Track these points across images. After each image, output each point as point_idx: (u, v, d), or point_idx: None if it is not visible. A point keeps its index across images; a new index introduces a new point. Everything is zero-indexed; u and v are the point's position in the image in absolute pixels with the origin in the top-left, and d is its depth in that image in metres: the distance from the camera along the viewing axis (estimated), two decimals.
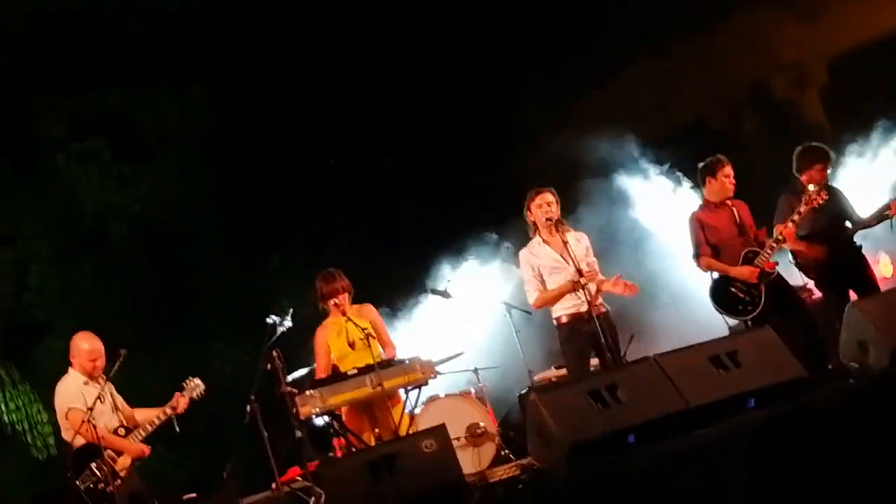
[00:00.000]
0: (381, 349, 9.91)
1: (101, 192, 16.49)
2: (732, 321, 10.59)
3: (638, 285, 9.91)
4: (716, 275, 10.33)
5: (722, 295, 10.26)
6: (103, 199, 16.51)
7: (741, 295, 10.14)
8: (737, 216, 10.39)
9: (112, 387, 10.18)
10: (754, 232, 10.38)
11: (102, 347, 10.10)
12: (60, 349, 15.42)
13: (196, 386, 10.20)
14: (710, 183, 10.45)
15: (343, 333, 9.94)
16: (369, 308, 10.27)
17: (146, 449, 9.92)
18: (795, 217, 10.13)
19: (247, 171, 16.27)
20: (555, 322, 9.96)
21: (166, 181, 16.64)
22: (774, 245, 10.17)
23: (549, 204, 9.93)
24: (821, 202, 10.12)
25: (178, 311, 16.36)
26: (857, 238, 10.77)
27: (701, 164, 10.58)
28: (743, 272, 10.12)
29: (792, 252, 10.64)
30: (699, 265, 10.46)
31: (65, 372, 10.18)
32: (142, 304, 16.04)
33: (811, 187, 10.23)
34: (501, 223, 13.01)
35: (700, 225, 10.41)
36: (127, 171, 16.70)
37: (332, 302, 10.10)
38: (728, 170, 10.39)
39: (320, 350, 10.12)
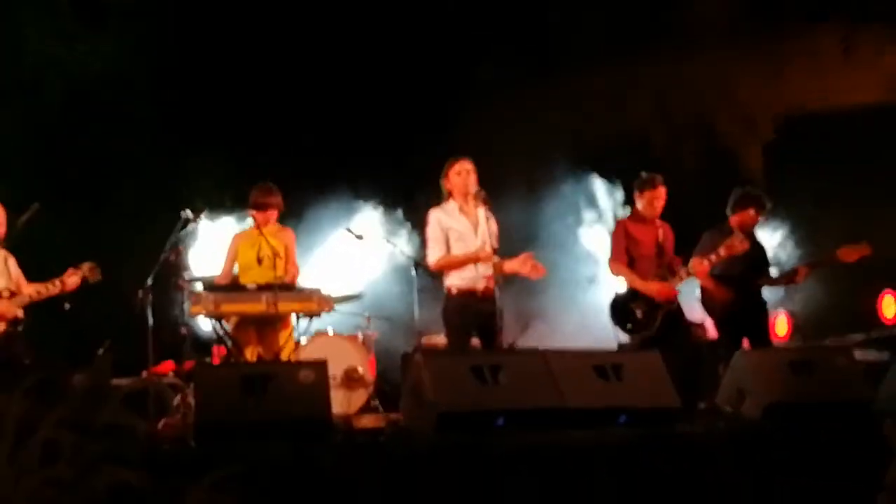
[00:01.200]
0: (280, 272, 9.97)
1: (48, 42, 16.25)
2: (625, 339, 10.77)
3: (548, 281, 9.97)
4: (622, 289, 10.48)
5: (620, 309, 10.41)
6: (49, 50, 16.27)
7: (638, 314, 10.30)
8: (660, 237, 10.55)
9: (11, 258, 10.23)
10: (670, 258, 10.56)
11: (3, 215, 10.09)
12: None
13: (92, 268, 10.19)
14: (639, 199, 10.61)
15: (255, 247, 10.00)
16: (288, 232, 10.34)
17: (18, 312, 9.92)
18: (713, 257, 10.32)
19: (200, 68, 16.18)
20: (445, 290, 9.88)
21: (116, 53, 16.47)
22: (684, 275, 10.37)
23: (468, 172, 9.84)
24: (740, 252, 10.32)
25: (93, 184, 16.24)
26: (764, 292, 10.98)
27: (639, 177, 10.72)
28: (651, 287, 10.27)
29: (700, 288, 10.83)
30: (611, 268, 10.59)
31: None
32: (58, 168, 15.89)
33: (736, 234, 10.41)
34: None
35: (624, 233, 10.54)
36: (80, 32, 16.47)
37: (256, 213, 10.14)
38: (658, 192, 10.49)
39: (229, 255, 10.19)
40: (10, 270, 10.18)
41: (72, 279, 10.07)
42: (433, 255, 9.90)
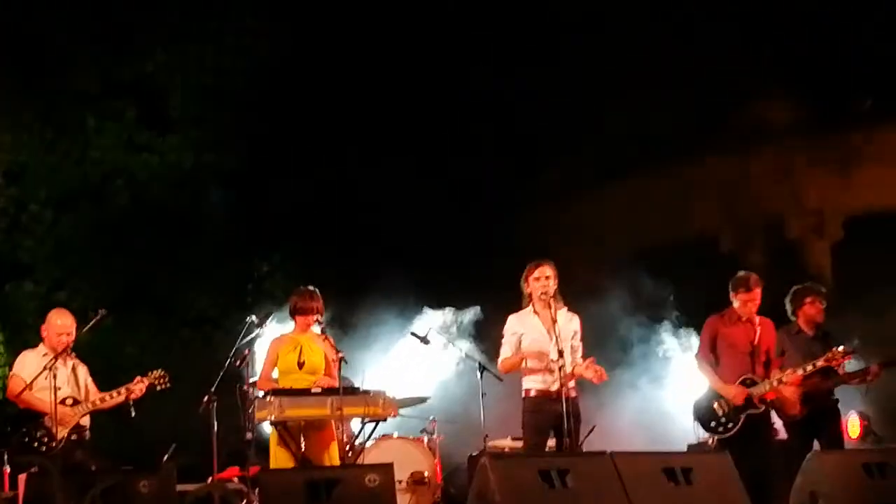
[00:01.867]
0: (320, 377, 9.91)
1: (114, 152, 16.52)
2: (695, 440, 10.61)
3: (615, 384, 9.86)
4: (707, 386, 10.34)
5: (704, 407, 10.25)
6: (115, 159, 16.54)
7: (720, 413, 10.12)
8: (756, 337, 10.36)
9: (82, 366, 10.44)
10: (770, 357, 10.38)
11: (73, 325, 10.32)
12: (35, 294, 15.50)
13: (160, 377, 10.32)
14: (734, 298, 10.40)
15: (297, 350, 9.93)
16: (330, 340, 10.27)
17: (82, 420, 10.11)
18: (809, 368, 10.17)
19: (265, 173, 16.36)
20: (523, 393, 9.85)
21: (181, 158, 16.71)
22: (776, 384, 10.18)
23: (546, 277, 9.82)
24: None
25: (159, 290, 16.41)
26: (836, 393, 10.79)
27: (735, 276, 10.52)
28: (729, 391, 10.10)
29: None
30: (696, 361, 10.53)
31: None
32: (125, 274, 16.07)
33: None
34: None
35: (712, 331, 10.40)
36: (145, 140, 16.76)
37: (299, 318, 10.08)
38: (752, 294, 10.25)
39: (269, 358, 10.10)
40: (77, 378, 10.34)
41: (137, 387, 10.22)
42: (500, 359, 9.93)
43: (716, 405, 10.17)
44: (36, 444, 9.89)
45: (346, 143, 16.71)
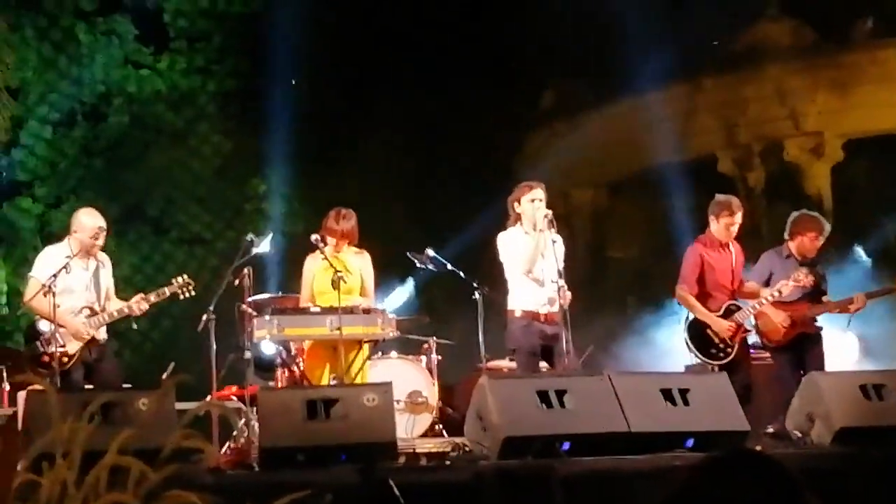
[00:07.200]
0: (356, 297, 9.85)
1: (113, 72, 16.45)
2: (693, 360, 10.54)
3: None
4: (692, 315, 10.17)
5: (697, 333, 10.06)
6: (113, 79, 16.47)
7: (716, 340, 9.97)
8: (734, 262, 10.20)
9: (107, 266, 9.86)
10: (739, 281, 10.25)
11: (106, 226, 9.71)
12: (30, 211, 15.46)
13: (186, 284, 9.95)
14: (714, 222, 10.20)
15: (330, 271, 9.81)
16: (366, 257, 10.16)
17: (96, 334, 9.59)
18: (776, 293, 9.96)
19: (261, 92, 16.27)
20: (508, 314, 9.72)
21: (177, 76, 16.65)
22: (757, 306, 10.03)
23: (540, 200, 9.64)
24: (807, 286, 10.01)
25: (157, 208, 16.41)
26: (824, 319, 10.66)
27: (714, 200, 10.37)
28: (721, 326, 9.94)
29: (755, 314, 10.27)
30: (677, 294, 10.22)
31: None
32: (121, 190, 16.05)
33: (801, 269, 10.06)
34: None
35: (698, 260, 10.12)
36: (145, 59, 16.68)
37: (329, 239, 9.95)
38: (732, 219, 10.04)
39: (306, 279, 10.05)
40: (99, 282, 9.72)
41: (151, 298, 9.82)
42: (522, 266, 9.65)
43: (709, 332, 9.98)
44: (47, 360, 9.25)
45: (343, 62, 16.62)
